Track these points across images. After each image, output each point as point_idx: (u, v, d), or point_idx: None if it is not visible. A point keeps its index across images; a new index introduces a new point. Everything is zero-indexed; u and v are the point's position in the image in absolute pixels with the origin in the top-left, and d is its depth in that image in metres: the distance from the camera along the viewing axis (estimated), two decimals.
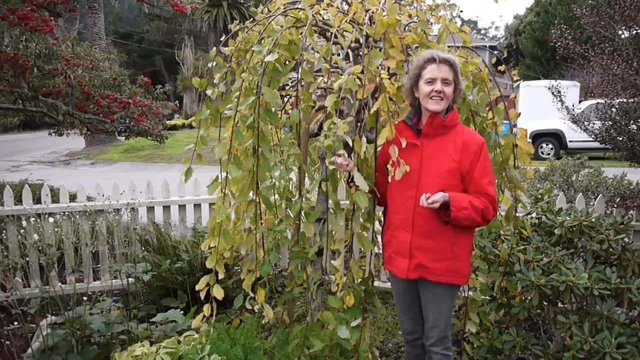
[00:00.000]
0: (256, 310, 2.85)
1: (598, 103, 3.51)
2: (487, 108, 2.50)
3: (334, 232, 2.54)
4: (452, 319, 2.29)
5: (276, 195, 2.67)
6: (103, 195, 4.12)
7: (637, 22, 3.04)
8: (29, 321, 3.27)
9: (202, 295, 2.61)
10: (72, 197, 4.22)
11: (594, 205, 3.44)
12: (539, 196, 3.29)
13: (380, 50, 2.24)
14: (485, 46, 25.72)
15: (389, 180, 2.14)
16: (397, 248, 2.22)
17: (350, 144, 2.18)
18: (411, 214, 2.14)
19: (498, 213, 2.66)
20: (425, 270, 2.15)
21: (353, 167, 2.18)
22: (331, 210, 2.74)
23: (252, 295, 2.61)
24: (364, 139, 2.20)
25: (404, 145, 2.11)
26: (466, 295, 2.68)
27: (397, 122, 2.27)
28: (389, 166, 2.12)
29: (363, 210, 2.39)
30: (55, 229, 3.78)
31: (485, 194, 2.10)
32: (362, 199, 2.16)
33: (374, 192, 2.35)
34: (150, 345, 2.38)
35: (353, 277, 2.35)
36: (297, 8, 2.51)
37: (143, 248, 3.98)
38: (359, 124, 2.30)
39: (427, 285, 2.19)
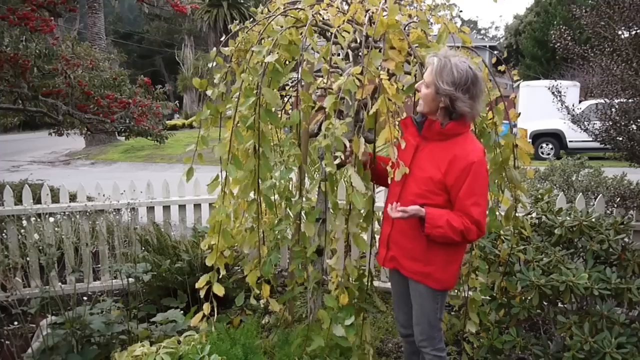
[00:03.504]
0: (261, 305, 2.85)
1: (598, 103, 3.51)
2: (487, 108, 2.50)
3: (333, 232, 2.54)
4: (439, 321, 2.27)
5: (276, 195, 2.68)
6: (103, 195, 4.12)
7: (636, 22, 3.04)
8: (29, 321, 3.27)
9: (202, 293, 2.61)
10: (72, 197, 4.22)
11: (594, 205, 3.44)
12: (539, 196, 3.29)
13: (379, 51, 2.24)
14: (485, 46, 25.68)
15: (389, 180, 2.16)
16: (381, 237, 2.33)
17: (348, 145, 2.20)
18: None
19: (498, 213, 2.67)
20: (398, 264, 2.24)
21: (354, 157, 2.21)
22: (330, 210, 2.74)
23: (257, 291, 2.62)
24: (361, 139, 2.20)
25: (403, 146, 2.13)
26: (466, 295, 2.68)
27: (404, 117, 2.27)
28: (388, 167, 2.12)
29: (361, 211, 2.40)
30: (56, 229, 3.78)
31: (468, 214, 2.02)
32: (358, 199, 2.17)
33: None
34: (150, 345, 2.38)
35: (348, 276, 2.36)
36: (297, 8, 2.51)
37: (143, 248, 3.99)
38: (358, 125, 2.30)
39: (410, 281, 2.24)
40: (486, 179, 2.10)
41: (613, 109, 3.32)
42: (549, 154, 13.00)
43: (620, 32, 3.19)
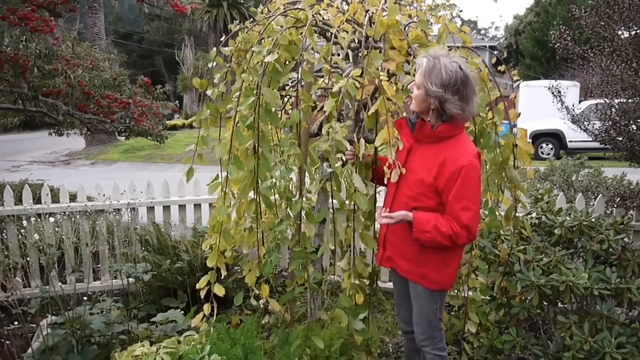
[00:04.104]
0: (261, 305, 2.86)
1: (598, 103, 3.51)
2: (487, 108, 2.50)
3: (341, 233, 2.55)
4: (439, 321, 2.28)
5: (276, 195, 2.68)
6: (103, 195, 4.12)
7: (636, 22, 3.04)
8: (29, 321, 3.27)
9: (203, 294, 2.61)
10: (72, 197, 4.22)
11: (593, 205, 3.44)
12: (539, 196, 3.29)
13: (379, 51, 2.24)
14: (485, 46, 25.67)
15: (385, 181, 2.18)
16: (378, 237, 2.36)
17: (348, 147, 2.23)
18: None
19: (498, 213, 2.67)
20: (394, 264, 2.25)
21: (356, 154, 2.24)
22: (332, 210, 2.75)
23: (256, 292, 2.63)
24: (362, 141, 2.21)
25: (401, 147, 2.13)
26: (466, 295, 2.68)
27: (400, 117, 2.27)
28: (385, 168, 2.13)
29: (364, 210, 2.41)
30: (56, 229, 3.78)
31: (457, 219, 1.99)
32: (361, 200, 2.19)
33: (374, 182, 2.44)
34: (151, 345, 2.38)
35: (359, 274, 2.38)
36: (297, 8, 2.52)
37: (143, 248, 3.99)
38: (358, 125, 2.31)
39: (409, 280, 2.24)
40: (477, 183, 2.05)
41: (613, 109, 3.32)
42: (548, 154, 13.00)
43: (620, 32, 3.19)
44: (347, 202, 2.48)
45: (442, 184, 2.01)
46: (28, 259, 3.84)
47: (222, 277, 2.62)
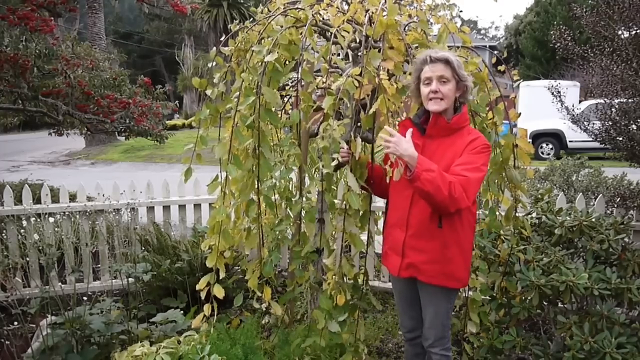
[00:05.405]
0: (263, 309, 2.85)
1: (598, 103, 3.51)
2: (487, 108, 2.50)
3: (334, 233, 2.54)
4: (451, 319, 2.28)
5: (276, 195, 2.68)
6: (103, 195, 4.12)
7: (636, 22, 3.04)
8: (29, 321, 3.27)
9: (203, 295, 2.61)
10: (72, 197, 4.22)
11: (594, 205, 3.44)
12: (539, 196, 3.29)
13: (379, 51, 2.24)
14: (485, 46, 25.67)
15: (387, 180, 2.14)
16: (392, 245, 2.24)
17: (345, 146, 2.22)
18: (406, 214, 2.14)
19: (498, 213, 2.67)
20: (417, 271, 2.15)
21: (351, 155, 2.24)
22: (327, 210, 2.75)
23: (259, 294, 2.62)
24: (358, 139, 2.20)
25: None
26: (466, 295, 2.68)
27: (404, 119, 2.27)
28: (387, 167, 2.12)
29: (360, 211, 2.39)
30: (56, 229, 3.78)
31: (459, 175, 1.96)
32: (354, 200, 2.17)
33: (366, 189, 2.40)
34: (150, 345, 2.38)
35: (343, 274, 2.36)
36: (297, 8, 2.52)
37: (143, 248, 3.99)
38: (357, 124, 2.30)
39: (423, 285, 2.19)
40: (486, 162, 2.11)
41: (613, 109, 3.32)
42: (549, 154, 12.99)
43: (620, 32, 3.19)
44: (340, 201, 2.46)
45: (462, 155, 2.06)
46: (28, 259, 3.84)
47: (222, 278, 2.62)
